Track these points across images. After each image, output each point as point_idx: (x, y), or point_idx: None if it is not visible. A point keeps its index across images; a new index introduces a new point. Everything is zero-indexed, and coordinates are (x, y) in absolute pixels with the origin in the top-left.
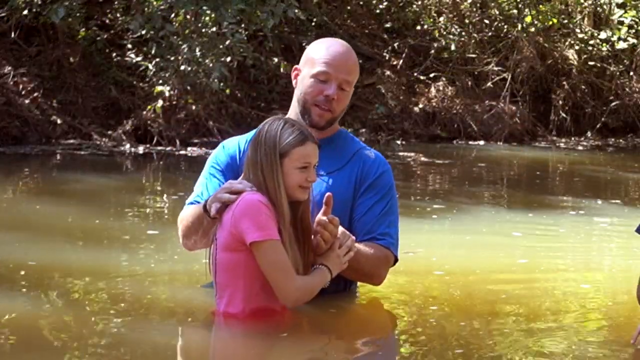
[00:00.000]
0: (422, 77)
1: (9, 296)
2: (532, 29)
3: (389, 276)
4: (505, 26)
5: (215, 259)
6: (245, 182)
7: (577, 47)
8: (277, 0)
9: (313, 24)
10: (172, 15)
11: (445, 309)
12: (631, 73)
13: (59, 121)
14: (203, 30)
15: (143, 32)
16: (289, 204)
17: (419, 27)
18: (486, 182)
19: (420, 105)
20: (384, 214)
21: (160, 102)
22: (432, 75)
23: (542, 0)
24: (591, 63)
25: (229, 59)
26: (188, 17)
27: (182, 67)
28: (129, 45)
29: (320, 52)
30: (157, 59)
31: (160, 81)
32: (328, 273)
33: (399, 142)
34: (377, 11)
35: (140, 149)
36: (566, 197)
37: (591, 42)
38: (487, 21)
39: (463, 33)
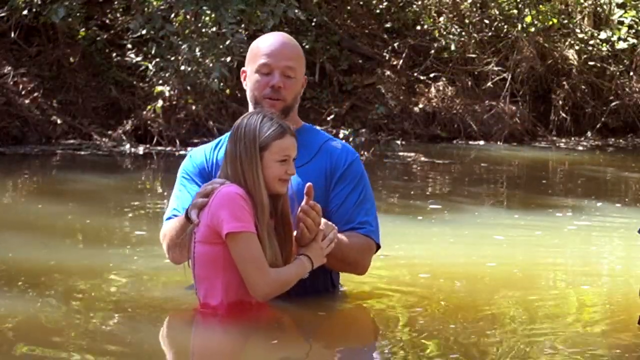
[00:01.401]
0: (422, 77)
1: (9, 295)
2: (532, 29)
3: (378, 278)
4: (505, 26)
5: (193, 253)
6: (217, 180)
7: (577, 47)
8: (277, 0)
9: (313, 24)
10: (172, 15)
11: (436, 311)
12: (631, 73)
13: (59, 121)
14: (203, 30)
15: (143, 32)
16: (268, 198)
17: (419, 27)
18: (486, 183)
19: (420, 105)
20: (359, 202)
21: (160, 102)
22: (432, 75)
23: (542, 0)
24: (591, 63)
25: (229, 59)
26: (188, 17)
27: (182, 67)
28: (129, 45)
29: (258, 47)
30: (157, 59)
31: (160, 81)
32: (308, 264)
33: (399, 142)
34: (377, 11)
35: (140, 149)
36: (566, 197)
37: (591, 42)
38: (487, 21)
39: (463, 33)
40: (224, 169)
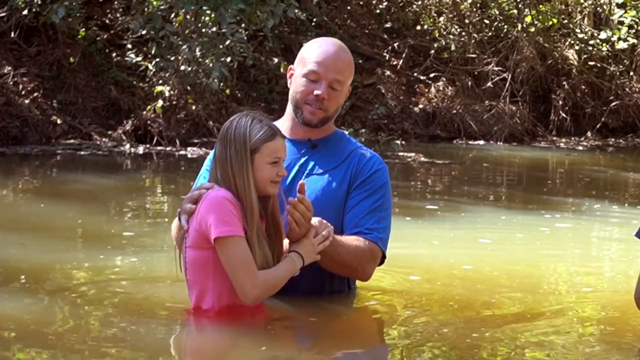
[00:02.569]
0: (422, 77)
1: (8, 295)
2: (532, 29)
3: (373, 279)
4: (505, 26)
5: (185, 258)
6: (205, 185)
7: (577, 47)
8: (277, 0)
9: (313, 24)
10: (172, 15)
11: (432, 313)
12: (631, 73)
13: (59, 121)
14: (203, 30)
15: (143, 32)
16: (258, 199)
17: (419, 27)
18: (486, 183)
19: (420, 105)
20: (373, 209)
21: (160, 102)
22: (432, 75)
23: (542, 0)
24: (591, 63)
25: (229, 59)
26: (188, 17)
27: (182, 67)
28: (129, 45)
29: (311, 52)
30: (157, 59)
31: (160, 81)
32: (299, 261)
33: (399, 142)
34: (377, 11)
35: (140, 149)
36: (566, 197)
37: (591, 42)
38: (487, 21)
39: (463, 33)
40: (213, 173)
